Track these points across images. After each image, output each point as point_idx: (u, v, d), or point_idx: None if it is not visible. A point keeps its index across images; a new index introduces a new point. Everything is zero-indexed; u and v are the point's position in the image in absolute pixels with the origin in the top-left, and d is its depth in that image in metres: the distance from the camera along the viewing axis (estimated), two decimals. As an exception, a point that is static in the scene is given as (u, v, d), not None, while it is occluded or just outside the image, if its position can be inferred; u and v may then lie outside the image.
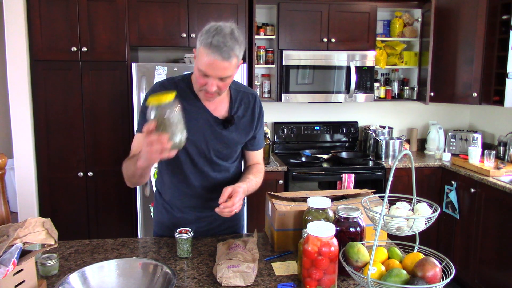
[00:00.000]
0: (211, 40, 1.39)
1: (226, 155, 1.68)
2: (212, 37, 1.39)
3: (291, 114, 3.89)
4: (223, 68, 1.43)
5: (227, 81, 1.49)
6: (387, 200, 1.17)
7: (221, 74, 1.44)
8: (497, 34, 3.22)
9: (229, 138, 1.65)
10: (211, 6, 3.21)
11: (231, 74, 1.47)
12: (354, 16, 3.48)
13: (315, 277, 1.25)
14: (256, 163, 1.78)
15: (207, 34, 1.41)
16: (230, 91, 1.67)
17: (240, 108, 1.67)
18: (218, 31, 1.40)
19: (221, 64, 1.41)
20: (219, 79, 1.46)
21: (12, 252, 1.14)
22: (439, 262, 1.19)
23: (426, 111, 4.06)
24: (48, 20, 3.03)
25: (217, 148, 1.65)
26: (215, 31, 1.41)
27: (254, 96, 1.71)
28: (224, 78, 1.46)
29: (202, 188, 1.70)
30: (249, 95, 1.70)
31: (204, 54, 1.41)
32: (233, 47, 1.41)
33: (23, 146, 3.13)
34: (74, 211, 3.21)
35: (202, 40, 1.42)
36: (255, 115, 1.69)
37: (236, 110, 1.66)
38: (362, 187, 3.04)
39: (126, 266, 1.33)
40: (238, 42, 1.43)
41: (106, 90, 3.15)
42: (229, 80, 1.50)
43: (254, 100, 1.70)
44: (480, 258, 3.02)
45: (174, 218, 1.77)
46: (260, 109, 1.71)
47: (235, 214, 1.80)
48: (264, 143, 1.81)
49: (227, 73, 1.45)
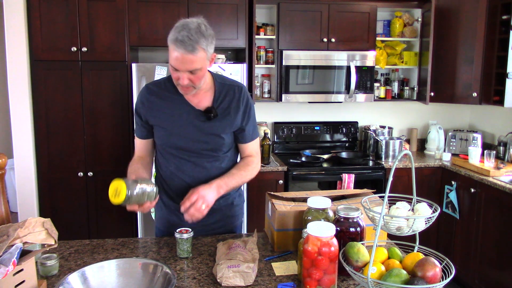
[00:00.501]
0: (176, 36, 1.47)
1: (213, 147, 1.71)
2: (178, 33, 1.47)
3: (291, 114, 3.89)
4: (190, 61, 1.49)
5: (198, 74, 1.54)
6: (387, 200, 1.17)
7: (189, 67, 1.50)
8: (497, 34, 3.21)
9: (213, 129, 1.68)
10: (211, 6, 3.21)
11: (201, 66, 1.53)
12: (354, 16, 3.48)
13: (315, 277, 1.25)
14: (249, 155, 1.80)
15: (175, 31, 1.49)
16: (215, 84, 1.71)
17: (224, 100, 1.70)
18: (184, 27, 1.48)
19: (186, 57, 1.48)
20: (189, 72, 1.52)
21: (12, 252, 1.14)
22: (439, 262, 1.19)
23: (426, 111, 4.06)
24: (48, 20, 3.03)
25: (203, 140, 1.69)
26: (181, 27, 1.48)
27: (240, 88, 1.74)
28: (193, 71, 1.52)
29: (195, 180, 1.71)
30: (234, 87, 1.73)
31: (172, 50, 1.50)
32: (198, 40, 1.47)
33: (23, 146, 3.13)
34: (74, 211, 3.21)
35: (170, 36, 1.50)
36: (240, 106, 1.71)
37: (220, 102, 1.69)
38: (362, 187, 3.04)
39: (126, 266, 1.33)
40: (204, 36, 1.49)
41: (106, 90, 3.15)
42: (200, 72, 1.54)
43: (240, 92, 1.72)
44: (480, 258, 3.02)
45: (172, 212, 1.79)
46: (247, 101, 1.73)
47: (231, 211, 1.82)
48: (256, 136, 1.81)
49: (195, 65, 1.50)
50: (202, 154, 1.71)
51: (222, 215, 1.81)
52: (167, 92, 1.69)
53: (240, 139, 1.77)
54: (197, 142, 1.68)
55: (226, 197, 1.79)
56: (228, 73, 3.12)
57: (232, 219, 1.86)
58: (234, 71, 3.14)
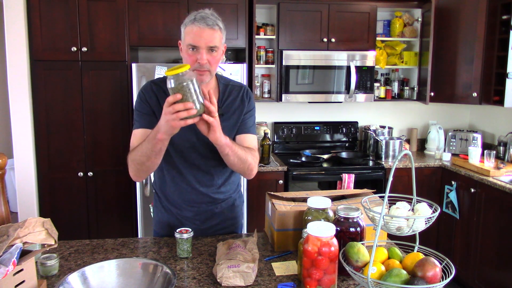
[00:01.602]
0: (194, 17, 1.52)
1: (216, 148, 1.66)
2: (196, 14, 1.53)
3: (291, 114, 3.89)
4: (210, 36, 1.51)
5: (215, 54, 1.55)
6: (387, 200, 1.17)
7: (209, 42, 1.51)
8: (497, 34, 3.21)
9: None
10: (211, 6, 3.15)
11: (218, 44, 1.54)
12: (354, 16, 3.48)
13: (315, 277, 1.25)
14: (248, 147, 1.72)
15: (190, 16, 1.55)
16: (219, 85, 1.71)
17: (228, 100, 1.70)
18: (200, 12, 1.54)
19: (208, 31, 1.51)
20: (208, 50, 1.52)
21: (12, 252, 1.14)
22: (439, 262, 1.19)
23: (426, 111, 4.06)
24: (48, 20, 3.03)
25: (207, 142, 1.62)
26: (198, 12, 1.55)
27: (243, 89, 1.75)
28: (213, 48, 1.53)
29: (197, 182, 1.70)
30: (238, 88, 1.74)
31: (190, 28, 1.52)
32: (216, 21, 1.54)
33: (23, 146, 3.13)
34: (74, 211, 3.21)
35: (187, 22, 1.54)
36: (244, 104, 1.71)
37: (225, 102, 1.69)
38: (362, 187, 3.04)
39: (126, 266, 1.33)
40: (220, 20, 1.56)
41: (106, 90, 3.15)
42: (217, 53, 1.55)
43: (244, 91, 1.73)
44: (480, 258, 3.02)
45: (173, 216, 1.78)
46: (250, 99, 1.74)
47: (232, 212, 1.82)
48: (255, 131, 1.79)
49: (215, 42, 1.52)
50: (205, 157, 1.69)
51: (224, 217, 1.81)
52: None
53: (240, 129, 1.71)
54: (201, 145, 1.67)
55: (227, 199, 1.79)
56: (228, 73, 3.12)
57: (233, 221, 1.86)
58: (234, 71, 3.14)
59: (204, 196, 1.72)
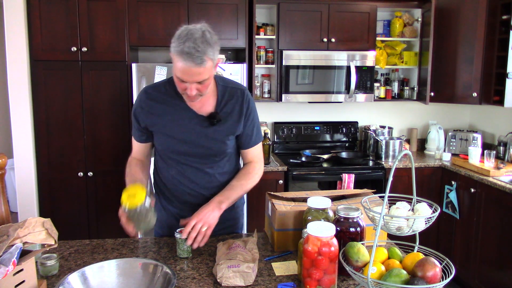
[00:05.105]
0: (182, 47, 1.40)
1: (216, 152, 1.69)
2: (183, 44, 1.41)
3: (291, 114, 3.89)
4: (198, 74, 1.45)
5: (205, 83, 1.50)
6: (387, 200, 1.17)
7: (197, 78, 1.46)
8: (497, 34, 3.21)
9: (216, 135, 1.65)
10: (211, 6, 3.21)
11: (208, 76, 1.49)
12: (354, 16, 3.48)
13: (315, 277, 1.25)
14: (250, 161, 1.77)
15: (179, 41, 1.42)
16: (217, 88, 1.68)
17: (228, 104, 1.67)
18: (189, 37, 1.41)
19: (195, 70, 1.43)
20: (197, 83, 1.48)
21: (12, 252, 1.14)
22: (439, 262, 1.19)
23: (426, 111, 4.06)
24: (48, 20, 3.03)
25: (206, 145, 1.66)
26: (186, 37, 1.41)
27: (242, 91, 1.71)
28: (202, 82, 1.48)
29: (196, 185, 1.71)
30: (237, 90, 1.70)
31: (178, 61, 1.43)
32: (205, 51, 1.42)
33: (23, 146, 3.13)
34: (74, 211, 3.21)
35: (175, 47, 1.43)
36: (243, 110, 1.68)
37: (223, 106, 1.66)
38: (362, 187, 3.04)
39: (126, 266, 1.33)
40: (210, 44, 1.44)
41: (106, 90, 3.15)
42: (207, 82, 1.51)
43: (242, 95, 1.69)
44: (480, 258, 3.02)
45: (173, 216, 1.78)
46: (248, 104, 1.70)
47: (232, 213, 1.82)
48: (260, 140, 1.78)
49: (203, 76, 1.47)
50: (204, 159, 1.68)
51: (224, 218, 1.80)
52: (167, 96, 1.65)
53: (242, 144, 1.74)
54: (200, 148, 1.66)
55: None
56: (228, 73, 3.12)
57: (234, 221, 1.86)
58: (234, 71, 3.14)
59: (204, 197, 1.72)
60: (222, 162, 1.72)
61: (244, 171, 1.75)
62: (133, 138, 1.76)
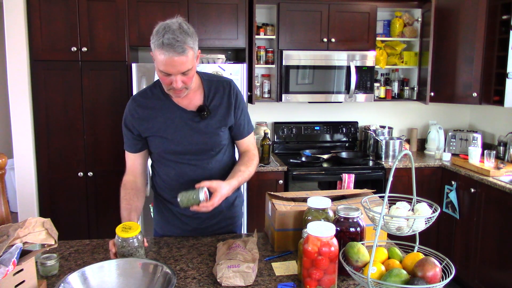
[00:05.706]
0: (162, 40, 1.44)
1: (212, 145, 1.69)
2: (162, 37, 1.44)
3: (291, 114, 3.89)
4: (181, 63, 1.46)
5: (190, 74, 1.52)
6: (387, 200, 1.17)
7: (181, 69, 1.48)
8: (497, 34, 3.21)
9: (208, 128, 1.66)
10: (211, 6, 3.21)
11: (191, 66, 1.51)
12: (354, 16, 3.48)
13: (315, 277, 1.25)
14: (246, 150, 1.79)
15: (157, 35, 1.46)
16: (203, 82, 1.69)
17: (215, 97, 1.68)
18: (167, 29, 1.45)
19: (178, 59, 1.45)
20: (182, 74, 1.50)
21: (12, 252, 1.14)
22: (439, 262, 1.19)
23: (426, 111, 4.06)
24: (48, 20, 3.03)
25: (201, 140, 1.67)
26: (164, 30, 1.45)
27: (228, 83, 1.72)
28: (186, 72, 1.50)
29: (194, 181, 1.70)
30: (223, 83, 1.72)
31: (160, 54, 1.46)
32: (185, 40, 1.45)
33: (23, 146, 3.13)
34: (74, 211, 3.21)
35: (154, 42, 1.47)
36: (231, 101, 1.70)
37: (211, 100, 1.68)
38: (362, 187, 3.04)
39: (126, 266, 1.33)
40: (188, 34, 1.47)
41: (106, 90, 3.15)
42: (191, 72, 1.53)
43: (229, 87, 1.71)
44: (480, 258, 3.02)
45: (172, 216, 1.78)
46: (236, 95, 1.71)
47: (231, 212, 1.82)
48: (252, 130, 1.81)
49: (187, 66, 1.49)
50: (201, 155, 1.69)
51: (223, 216, 1.81)
52: (155, 99, 1.66)
53: (236, 135, 1.76)
54: (195, 144, 1.67)
55: (227, 198, 1.79)
56: (228, 73, 3.12)
57: (232, 220, 1.86)
58: (234, 71, 3.14)
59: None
60: (219, 155, 1.72)
61: (247, 158, 1.75)
62: (127, 151, 1.75)
